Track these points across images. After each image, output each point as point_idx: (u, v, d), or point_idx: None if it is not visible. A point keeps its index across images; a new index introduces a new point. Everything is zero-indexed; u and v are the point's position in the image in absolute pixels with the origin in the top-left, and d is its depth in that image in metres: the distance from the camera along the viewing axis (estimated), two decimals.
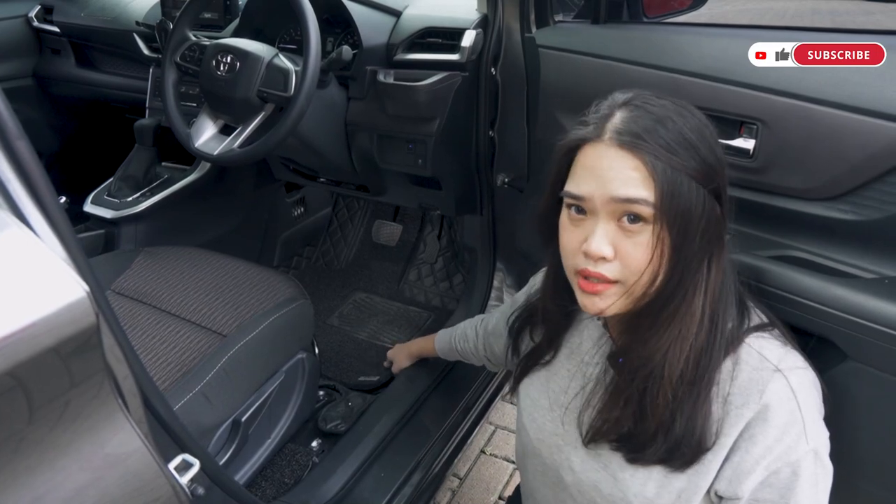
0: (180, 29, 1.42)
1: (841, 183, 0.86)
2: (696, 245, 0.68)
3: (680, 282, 0.69)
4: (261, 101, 1.32)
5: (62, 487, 0.52)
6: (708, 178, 0.68)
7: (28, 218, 0.50)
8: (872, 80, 0.84)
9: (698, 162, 0.67)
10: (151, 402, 0.70)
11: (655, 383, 0.71)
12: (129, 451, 0.57)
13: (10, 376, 0.45)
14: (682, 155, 0.67)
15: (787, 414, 0.68)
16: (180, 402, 1.07)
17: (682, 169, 0.66)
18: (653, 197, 0.66)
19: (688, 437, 0.70)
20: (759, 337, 0.73)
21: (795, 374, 0.70)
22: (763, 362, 0.71)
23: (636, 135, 0.67)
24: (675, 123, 0.68)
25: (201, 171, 1.80)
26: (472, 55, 1.39)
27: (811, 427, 0.70)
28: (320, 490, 1.27)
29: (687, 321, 0.70)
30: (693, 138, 0.68)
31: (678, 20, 1.29)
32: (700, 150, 0.68)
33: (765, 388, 0.69)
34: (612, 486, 0.77)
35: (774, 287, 0.87)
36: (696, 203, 0.67)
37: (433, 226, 2.21)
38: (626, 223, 0.68)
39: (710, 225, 0.69)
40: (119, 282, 1.37)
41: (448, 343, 1.35)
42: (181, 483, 0.70)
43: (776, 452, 0.69)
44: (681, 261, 0.68)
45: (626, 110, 0.70)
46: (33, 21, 2.21)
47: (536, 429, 0.88)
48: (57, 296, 0.46)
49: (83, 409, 0.53)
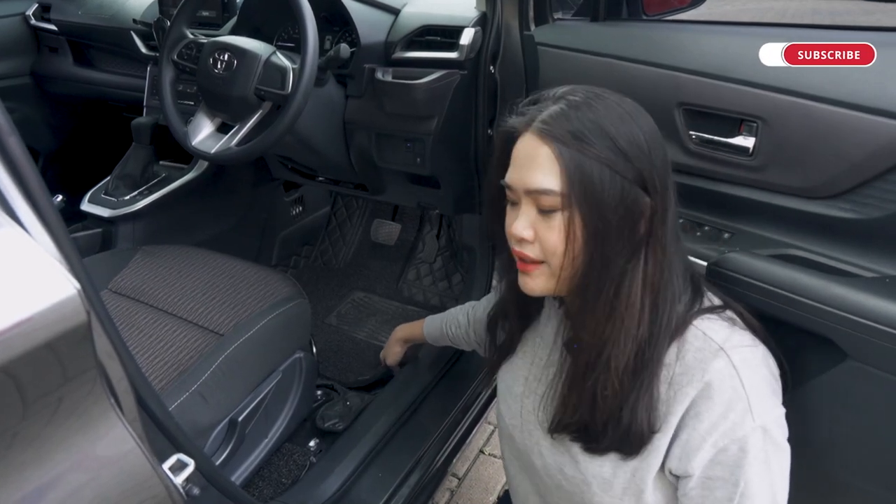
0: (177, 27, 1.41)
1: (841, 181, 0.86)
2: (615, 232, 0.70)
3: (605, 266, 0.71)
4: (258, 99, 1.31)
5: (53, 487, 0.51)
6: (628, 167, 0.69)
7: (19, 215, 0.50)
8: (872, 77, 0.83)
9: (614, 151, 0.69)
10: (146, 401, 0.69)
11: (602, 374, 0.73)
12: (122, 451, 0.57)
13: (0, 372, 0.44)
14: (595, 143, 0.69)
15: (729, 390, 0.70)
16: (176, 401, 1.06)
17: (595, 157, 0.69)
18: (558, 185, 0.69)
19: (635, 426, 0.73)
20: (706, 318, 0.75)
21: (739, 351, 0.72)
22: (707, 342, 0.72)
23: (547, 122, 0.70)
24: (593, 112, 0.70)
25: (199, 170, 1.80)
26: (471, 53, 1.38)
27: (757, 404, 0.71)
28: (318, 490, 1.27)
29: (629, 312, 0.72)
30: (611, 129, 0.70)
31: (677, 18, 1.28)
32: (618, 139, 0.69)
33: (707, 367, 0.71)
34: (573, 468, 0.81)
35: (774, 286, 0.87)
36: (609, 190, 0.69)
37: (432, 225, 2.20)
38: (539, 211, 0.72)
39: (630, 213, 0.70)
40: (116, 280, 1.36)
41: (439, 329, 1.35)
42: (175, 483, 0.70)
43: (721, 429, 0.70)
44: (601, 245, 0.71)
45: (554, 103, 0.72)
46: (31, 19, 2.20)
47: (511, 415, 0.91)
48: (47, 293, 0.45)
49: (75, 408, 0.53)
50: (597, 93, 0.73)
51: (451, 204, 1.65)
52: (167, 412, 0.74)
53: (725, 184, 1.01)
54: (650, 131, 0.72)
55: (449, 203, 1.65)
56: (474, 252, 1.76)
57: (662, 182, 0.72)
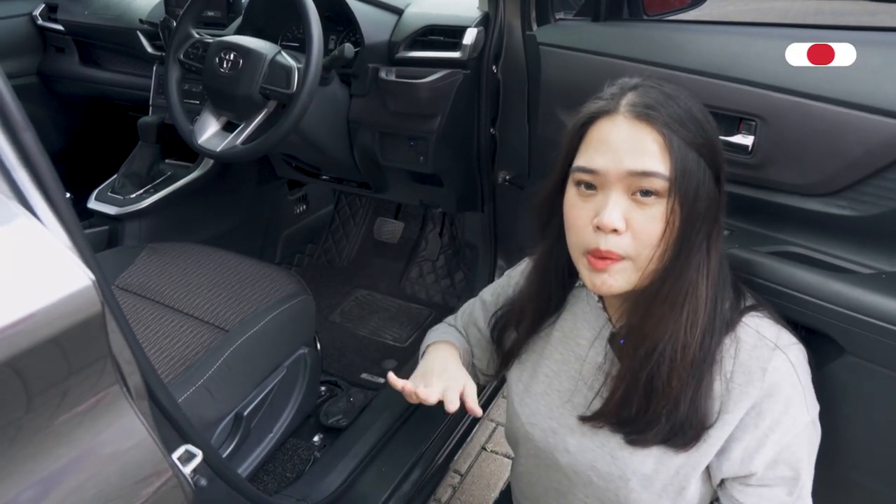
0: (184, 26, 1.43)
1: (839, 179, 0.87)
2: (701, 222, 0.70)
3: (686, 260, 0.70)
4: (263, 97, 1.33)
5: (69, 472, 0.52)
6: (712, 158, 0.71)
7: (34, 208, 0.51)
8: (870, 75, 0.84)
9: (705, 140, 0.70)
10: (155, 392, 0.71)
11: (665, 366, 0.71)
12: (135, 440, 0.58)
13: (16, 362, 0.46)
14: (693, 131, 0.69)
15: (790, 388, 0.72)
16: (183, 395, 1.08)
17: (692, 145, 0.69)
18: (667, 170, 0.67)
19: (691, 418, 0.72)
20: (755, 316, 0.75)
21: (792, 350, 0.73)
22: (762, 339, 0.73)
23: (650, 106, 0.69)
24: (684, 101, 0.71)
25: (204, 169, 1.81)
26: (474, 53, 1.39)
27: (809, 397, 0.74)
28: (322, 484, 1.28)
29: (695, 304, 0.71)
30: (701, 117, 0.71)
31: (678, 18, 1.29)
32: (707, 129, 0.70)
33: (767, 366, 0.71)
34: (609, 464, 0.78)
35: (773, 282, 0.88)
36: (703, 180, 0.69)
37: (434, 223, 2.22)
38: (640, 196, 0.69)
39: (711, 205, 0.71)
40: (122, 277, 1.38)
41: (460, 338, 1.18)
42: (185, 473, 0.71)
43: (784, 426, 0.72)
44: (687, 238, 0.70)
45: (638, 88, 0.72)
46: (37, 19, 2.22)
47: (529, 413, 0.88)
48: (64, 284, 0.47)
49: (89, 398, 0.54)
50: (671, 83, 0.73)
51: (454, 202, 1.66)
52: (175, 403, 0.76)
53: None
54: (711, 119, 0.73)
55: (451, 201, 1.67)
56: (477, 250, 1.77)
57: (725, 176, 0.73)
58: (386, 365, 1.76)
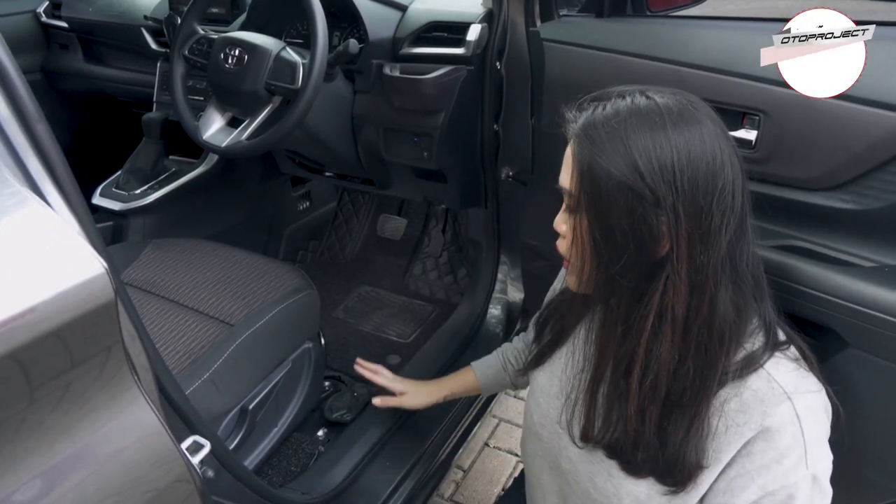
0: (188, 22, 1.44)
1: (841, 172, 0.87)
2: (621, 247, 0.67)
3: (611, 280, 0.69)
4: (268, 93, 1.33)
5: (83, 458, 0.53)
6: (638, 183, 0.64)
7: (48, 198, 0.52)
8: (872, 69, 0.84)
9: (627, 164, 0.65)
10: (163, 383, 0.71)
11: (630, 394, 0.72)
12: (146, 429, 0.59)
13: (30, 349, 0.46)
14: (608, 151, 0.65)
15: (789, 438, 0.67)
16: (189, 389, 1.08)
17: (605, 164, 0.65)
18: (569, 185, 0.70)
19: (682, 461, 0.70)
20: (775, 359, 0.70)
21: (804, 399, 0.68)
22: (771, 384, 0.68)
23: (586, 126, 0.69)
24: (622, 118, 0.66)
25: (208, 164, 1.82)
26: (478, 49, 1.40)
27: (813, 452, 0.68)
28: (326, 478, 1.29)
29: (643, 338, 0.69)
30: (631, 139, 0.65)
31: (681, 14, 1.30)
32: (633, 151, 0.64)
33: (769, 411, 0.67)
34: (605, 479, 0.78)
35: (775, 276, 0.88)
36: (614, 202, 0.65)
37: (438, 220, 2.22)
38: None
39: (639, 232, 0.65)
40: (127, 272, 1.38)
41: (495, 367, 1.20)
42: (194, 463, 0.72)
43: (774, 473, 0.68)
44: (606, 256, 0.69)
45: (600, 105, 0.70)
46: (41, 16, 2.23)
47: (541, 413, 0.89)
48: (78, 272, 0.47)
49: (102, 386, 0.55)
50: (651, 98, 0.67)
51: (458, 198, 1.67)
52: (183, 394, 0.76)
53: None
54: (693, 157, 0.64)
55: (455, 197, 1.67)
56: (480, 246, 1.78)
57: (691, 211, 0.64)
58: (389, 360, 1.77)
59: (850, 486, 0.96)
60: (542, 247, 1.41)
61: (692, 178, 0.64)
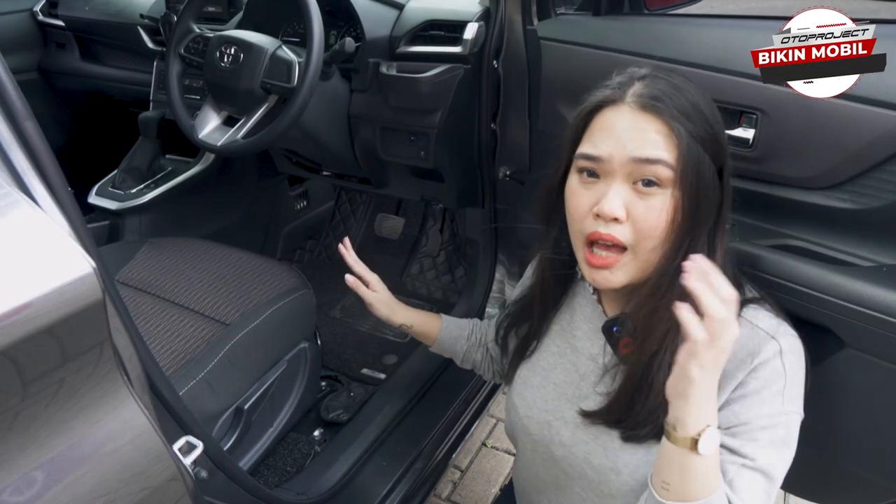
0: (184, 21, 1.43)
1: (839, 171, 0.87)
2: (705, 215, 0.70)
3: (689, 251, 0.69)
4: (264, 92, 1.33)
5: (70, 458, 0.53)
6: (716, 153, 0.71)
7: (36, 197, 0.51)
8: None
9: (711, 135, 0.70)
10: (155, 383, 0.71)
11: (661, 359, 0.71)
12: (136, 430, 0.58)
13: (16, 350, 0.46)
14: (698, 124, 0.69)
15: (770, 370, 0.70)
16: (183, 388, 1.08)
17: (697, 138, 0.69)
18: (672, 160, 0.68)
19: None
20: (753, 308, 0.75)
21: (786, 339, 0.72)
22: (755, 331, 0.72)
23: (657, 98, 0.69)
24: (692, 94, 0.71)
25: (205, 164, 1.81)
26: (475, 48, 1.39)
27: (790, 392, 0.71)
28: (322, 479, 1.29)
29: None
30: (707, 111, 0.71)
31: (678, 12, 1.29)
32: (713, 124, 0.71)
33: (758, 351, 0.70)
34: (601, 456, 0.78)
35: (773, 276, 0.88)
36: (707, 174, 0.70)
37: (435, 219, 2.22)
38: (641, 186, 0.69)
39: (717, 197, 0.71)
40: (123, 272, 1.38)
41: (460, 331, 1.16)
42: (185, 464, 0.71)
43: (750, 402, 0.70)
44: (689, 231, 0.70)
45: (646, 79, 0.71)
46: (38, 15, 2.23)
47: (526, 406, 0.89)
48: (65, 272, 0.47)
49: (90, 387, 0.54)
50: (681, 76, 0.73)
51: (455, 198, 1.66)
52: (176, 394, 0.76)
53: None
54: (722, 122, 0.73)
55: (452, 197, 1.66)
56: (477, 246, 1.77)
57: (729, 173, 0.74)
58: (386, 360, 1.76)
59: (849, 485, 0.96)
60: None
61: (723, 132, 0.73)
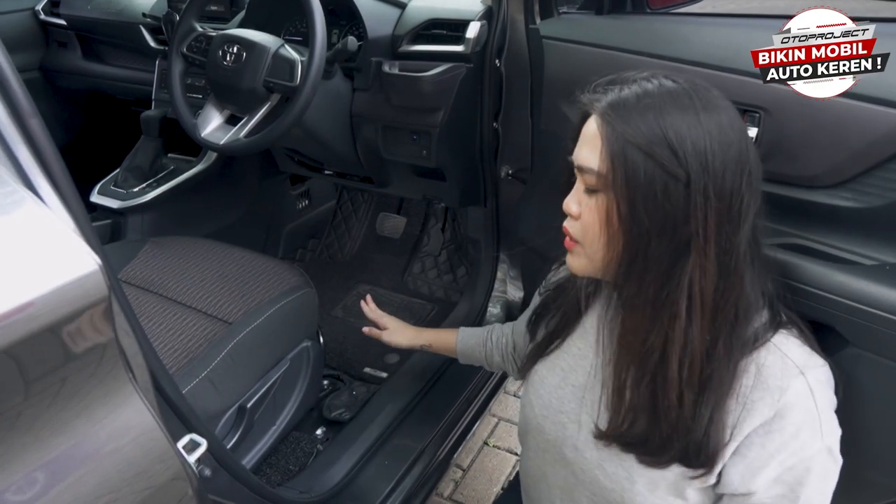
0: (187, 20, 1.43)
1: (843, 170, 0.87)
2: (654, 228, 0.67)
3: (644, 262, 0.69)
4: (267, 91, 1.33)
5: (75, 457, 0.53)
6: (673, 165, 0.65)
7: (41, 194, 0.51)
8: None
9: (661, 145, 0.65)
10: (159, 381, 0.71)
11: (660, 381, 0.71)
12: (141, 427, 0.58)
13: (21, 347, 0.46)
14: (643, 132, 0.66)
15: (804, 412, 0.69)
16: (186, 387, 1.08)
17: (640, 146, 0.66)
18: (597, 165, 0.69)
19: (708, 442, 0.70)
20: (783, 335, 0.73)
21: (814, 372, 0.71)
22: (785, 361, 0.71)
23: (613, 105, 0.69)
24: (654, 100, 0.67)
25: (207, 163, 1.82)
26: (477, 47, 1.39)
27: (826, 424, 0.71)
28: (324, 477, 1.29)
29: (674, 321, 0.69)
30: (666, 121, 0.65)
31: (681, 11, 1.29)
32: (669, 133, 0.65)
33: (786, 387, 0.69)
34: (616, 464, 0.78)
35: (777, 274, 0.87)
36: (648, 183, 0.66)
37: (437, 218, 2.22)
38: (586, 188, 0.73)
39: (671, 214, 0.66)
40: (126, 270, 1.38)
41: (477, 337, 1.23)
42: (190, 462, 0.71)
43: (791, 448, 0.70)
44: (637, 238, 0.69)
45: (621, 87, 0.71)
46: (40, 14, 2.23)
47: (542, 405, 0.89)
48: (71, 268, 0.47)
49: (95, 385, 0.54)
50: (677, 82, 0.69)
51: (457, 197, 1.66)
52: (179, 392, 0.76)
53: None
54: (723, 141, 0.66)
55: (454, 196, 1.67)
56: (479, 245, 1.77)
57: (721, 193, 0.66)
58: (388, 359, 1.76)
59: (850, 485, 0.96)
60: (542, 245, 1.41)
61: (723, 161, 0.66)
